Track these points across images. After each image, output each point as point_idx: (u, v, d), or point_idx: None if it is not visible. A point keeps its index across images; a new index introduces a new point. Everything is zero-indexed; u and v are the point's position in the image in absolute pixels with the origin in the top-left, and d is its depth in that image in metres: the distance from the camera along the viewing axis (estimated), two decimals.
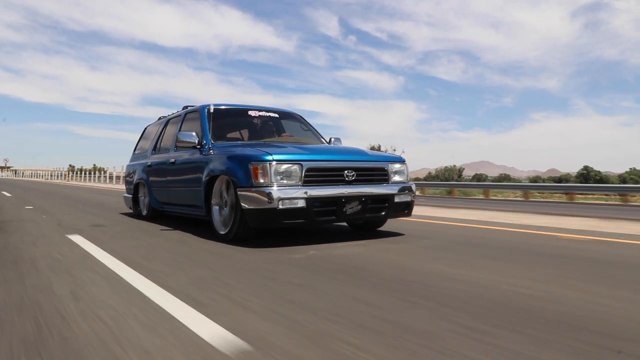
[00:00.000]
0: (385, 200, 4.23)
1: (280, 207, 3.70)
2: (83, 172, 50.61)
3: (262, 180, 3.76)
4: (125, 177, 7.50)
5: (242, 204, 3.83)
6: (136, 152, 7.23)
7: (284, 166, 3.81)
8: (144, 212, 6.50)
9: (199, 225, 5.47)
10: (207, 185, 4.46)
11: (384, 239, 4.31)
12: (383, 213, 4.26)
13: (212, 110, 4.96)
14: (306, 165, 3.88)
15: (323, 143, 5.50)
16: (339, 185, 4.00)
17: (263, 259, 3.31)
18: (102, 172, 42.10)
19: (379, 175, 4.30)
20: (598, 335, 1.78)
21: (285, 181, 3.80)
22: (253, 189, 3.78)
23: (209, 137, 4.82)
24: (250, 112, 5.42)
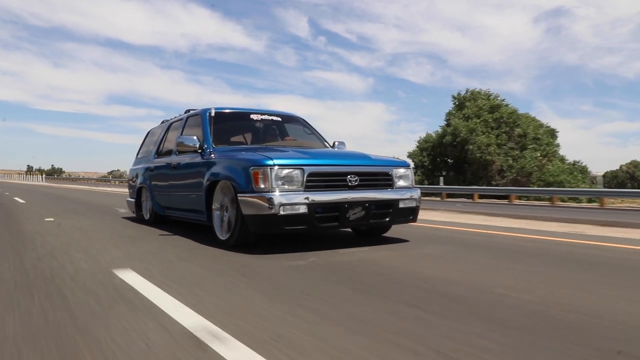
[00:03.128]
0: (389, 205, 4.13)
1: (282, 212, 3.61)
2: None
3: (262, 186, 3.68)
4: (128, 181, 7.46)
5: (243, 209, 3.76)
6: (139, 156, 7.18)
7: (285, 171, 3.73)
8: (147, 217, 6.44)
9: (203, 230, 5.40)
10: (208, 190, 4.39)
11: (388, 245, 4.22)
12: (387, 219, 4.16)
13: (213, 114, 4.89)
14: (308, 170, 3.79)
15: (326, 147, 5.42)
16: (341, 190, 3.91)
17: (262, 265, 3.22)
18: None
19: (383, 180, 4.21)
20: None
21: (286, 186, 3.72)
22: (254, 195, 3.70)
23: (210, 141, 4.75)
24: (252, 116, 5.35)
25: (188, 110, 5.98)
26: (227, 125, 5.18)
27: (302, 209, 3.68)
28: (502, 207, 14.35)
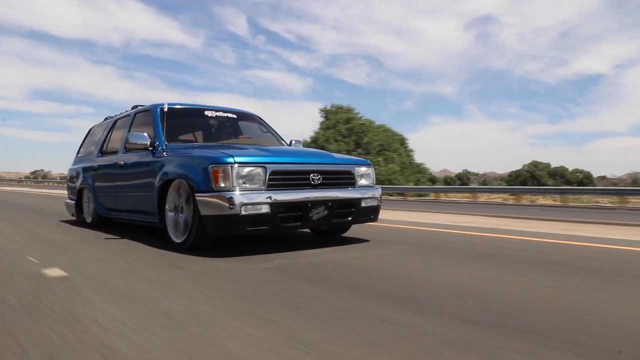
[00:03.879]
0: (352, 205, 4.06)
1: (243, 213, 3.44)
2: None
3: (222, 185, 3.49)
4: (67, 181, 6.95)
5: (201, 210, 3.54)
6: (79, 154, 6.71)
7: (247, 169, 3.56)
8: (89, 220, 6.02)
9: (150, 232, 5.09)
10: (160, 190, 4.13)
11: (351, 245, 4.14)
12: (349, 218, 4.08)
13: (166, 110, 4.62)
14: (270, 168, 3.64)
15: (283, 145, 5.27)
16: (304, 189, 3.79)
17: (227, 269, 3.04)
18: None
19: (346, 178, 4.13)
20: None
21: (247, 185, 3.55)
22: (213, 194, 3.50)
23: (162, 138, 4.47)
24: (206, 113, 5.11)
25: (136, 106, 5.65)
26: (180, 121, 4.91)
27: (265, 209, 3.52)
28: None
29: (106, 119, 6.52)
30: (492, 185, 46.98)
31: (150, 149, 4.45)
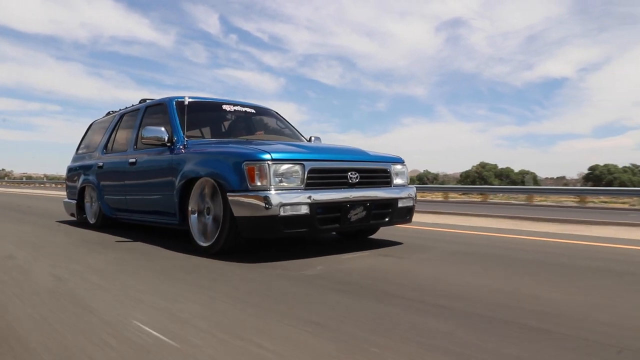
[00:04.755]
0: (389, 205, 3.80)
1: (282, 214, 3.16)
2: None
3: (259, 183, 3.21)
4: (66, 180, 6.56)
5: (234, 211, 3.26)
6: (80, 151, 6.34)
7: (284, 166, 3.28)
8: (92, 220, 5.66)
9: (160, 233, 4.78)
10: (182, 189, 3.82)
11: (386, 249, 3.89)
12: (387, 219, 3.83)
13: (186, 103, 4.30)
14: (309, 165, 3.37)
15: (303, 141, 5.00)
16: (342, 188, 3.52)
17: (270, 278, 2.76)
18: None
19: (382, 177, 3.88)
20: None
21: (285, 184, 3.27)
22: (248, 194, 3.21)
23: (182, 133, 4.16)
24: (224, 107, 4.81)
25: (144, 100, 5.32)
26: (195, 116, 4.59)
27: (304, 210, 3.25)
28: None
29: (108, 113, 6.17)
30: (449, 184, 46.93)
31: (168, 144, 4.14)
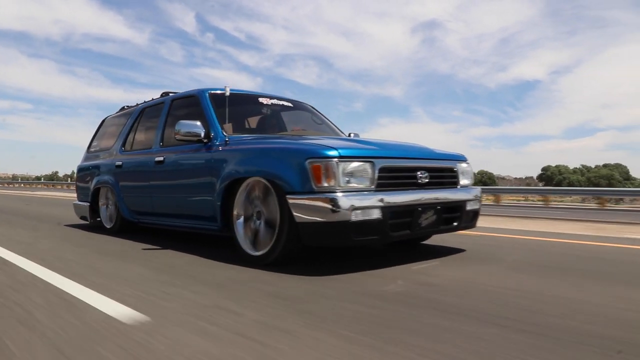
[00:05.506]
0: (458, 208, 3.41)
1: (353, 219, 2.75)
2: None
3: (325, 184, 2.79)
4: (76, 181, 6.08)
5: (296, 215, 2.84)
6: (92, 149, 5.87)
7: (353, 165, 2.87)
8: (108, 225, 5.20)
9: (188, 238, 4.34)
10: (225, 191, 3.39)
11: (451, 257, 3.49)
12: (455, 224, 3.43)
13: (227, 94, 3.86)
14: (379, 163, 2.96)
15: (350, 138, 4.57)
16: (412, 190, 3.12)
17: (346, 295, 2.35)
18: None
19: (449, 177, 3.48)
20: None
21: (354, 184, 2.86)
22: (312, 196, 2.79)
23: (220, 128, 3.74)
24: (261, 100, 4.38)
25: (166, 93, 4.88)
26: (230, 110, 4.15)
27: (376, 214, 2.84)
28: None
29: (122, 108, 5.72)
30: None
31: (205, 141, 3.70)
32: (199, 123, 3.71)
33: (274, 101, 4.46)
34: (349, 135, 4.75)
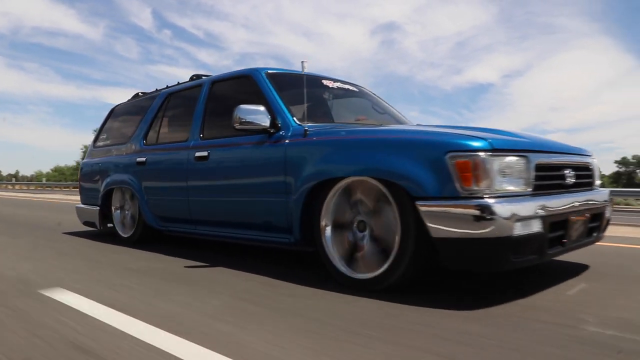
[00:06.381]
0: (599, 215, 2.73)
1: (516, 233, 2.04)
2: None
3: (475, 187, 2.06)
4: (80, 180, 5.20)
5: (433, 227, 2.10)
6: (99, 143, 5.00)
7: (509, 160, 2.14)
8: (125, 233, 4.36)
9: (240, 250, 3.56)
10: (309, 193, 2.63)
11: (585, 275, 2.81)
12: (595, 234, 2.74)
13: (306, 69, 3.07)
14: (534, 159, 2.24)
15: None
16: (562, 193, 2.43)
17: (538, 337, 1.63)
18: None
19: (588, 176, 2.80)
20: None
21: (510, 187, 2.14)
22: (458, 202, 2.06)
23: (290, 116, 2.97)
24: (325, 82, 3.63)
25: (198, 76, 4.08)
26: (288, 95, 3.36)
27: (537, 226, 2.13)
28: None
29: (136, 95, 4.88)
30: None
31: (272, 131, 2.94)
32: (263, 108, 2.94)
33: (338, 84, 3.71)
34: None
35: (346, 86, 3.79)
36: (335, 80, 3.69)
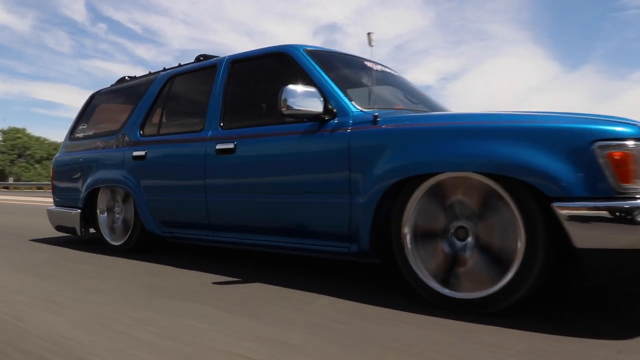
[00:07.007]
0: None
1: None
2: None
3: (633, 184, 1.65)
4: (53, 179, 4.43)
5: (578, 235, 1.67)
6: (78, 134, 4.27)
7: None
8: (115, 241, 3.70)
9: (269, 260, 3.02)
10: (384, 194, 2.14)
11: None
12: None
13: (372, 43, 2.55)
14: None
15: None
16: None
17: None
18: None
19: None
20: None
21: None
22: (615, 203, 1.64)
23: (347, 100, 2.47)
24: (368, 64, 3.13)
25: (206, 57, 3.50)
26: (333, 76, 2.82)
27: None
28: None
29: (122, 79, 4.21)
30: None
31: (327, 118, 2.42)
32: (315, 90, 2.42)
33: (379, 67, 3.23)
34: None
35: (387, 69, 3.32)
36: (375, 63, 3.21)
